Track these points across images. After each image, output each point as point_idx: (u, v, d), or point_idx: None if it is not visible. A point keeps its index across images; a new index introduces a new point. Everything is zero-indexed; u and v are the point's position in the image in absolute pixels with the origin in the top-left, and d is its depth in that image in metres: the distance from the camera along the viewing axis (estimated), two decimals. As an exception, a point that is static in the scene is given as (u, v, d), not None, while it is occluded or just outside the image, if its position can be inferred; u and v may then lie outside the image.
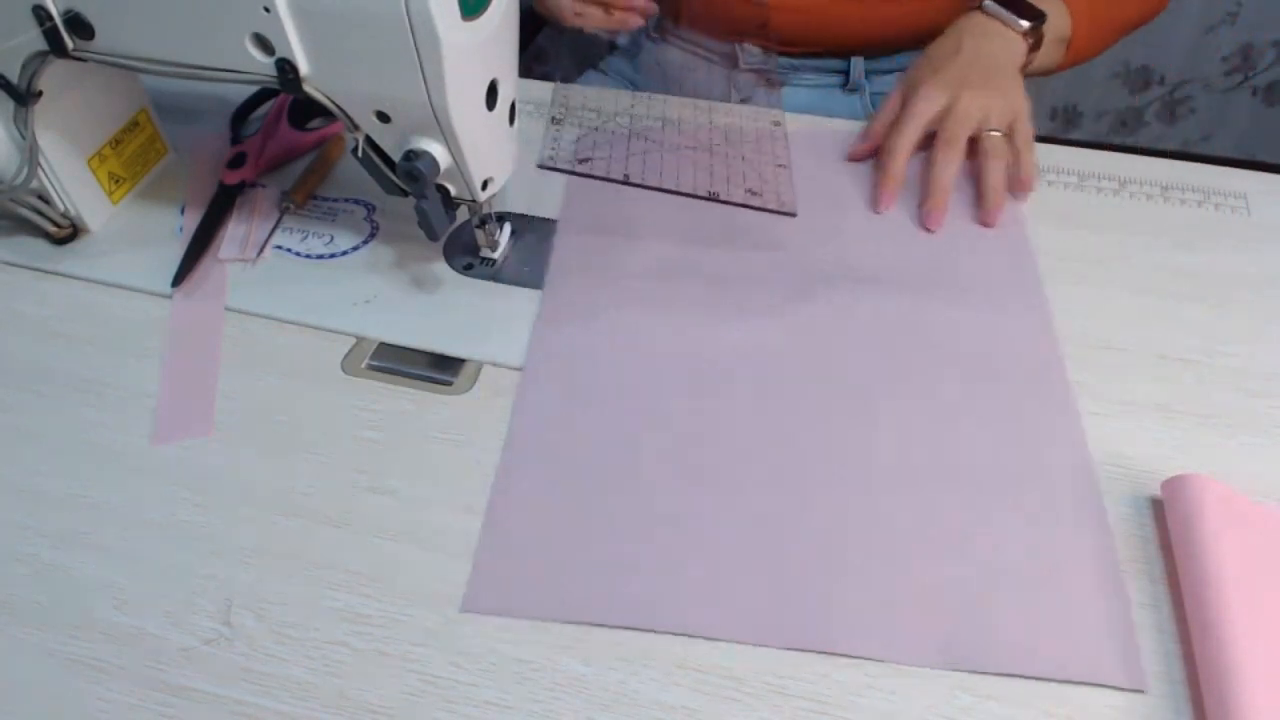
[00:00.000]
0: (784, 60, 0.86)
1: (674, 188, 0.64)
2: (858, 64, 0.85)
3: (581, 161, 0.66)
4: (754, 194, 0.64)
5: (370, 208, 0.64)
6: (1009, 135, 0.64)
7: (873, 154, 0.67)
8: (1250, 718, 0.36)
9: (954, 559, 0.44)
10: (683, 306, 0.56)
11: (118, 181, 0.65)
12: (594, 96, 0.74)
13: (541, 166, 0.66)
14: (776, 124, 0.70)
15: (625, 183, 0.65)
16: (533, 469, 0.49)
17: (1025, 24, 0.68)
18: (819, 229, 0.61)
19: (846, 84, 0.87)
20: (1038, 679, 0.41)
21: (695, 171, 0.66)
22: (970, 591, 0.43)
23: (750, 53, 0.85)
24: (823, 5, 0.80)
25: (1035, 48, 0.69)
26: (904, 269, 0.58)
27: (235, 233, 0.63)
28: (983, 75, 0.66)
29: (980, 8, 0.69)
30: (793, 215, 0.62)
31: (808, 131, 0.69)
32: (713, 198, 0.64)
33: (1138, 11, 0.78)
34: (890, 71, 0.87)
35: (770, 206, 0.63)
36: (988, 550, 0.45)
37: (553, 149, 0.68)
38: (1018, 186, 0.64)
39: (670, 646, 0.42)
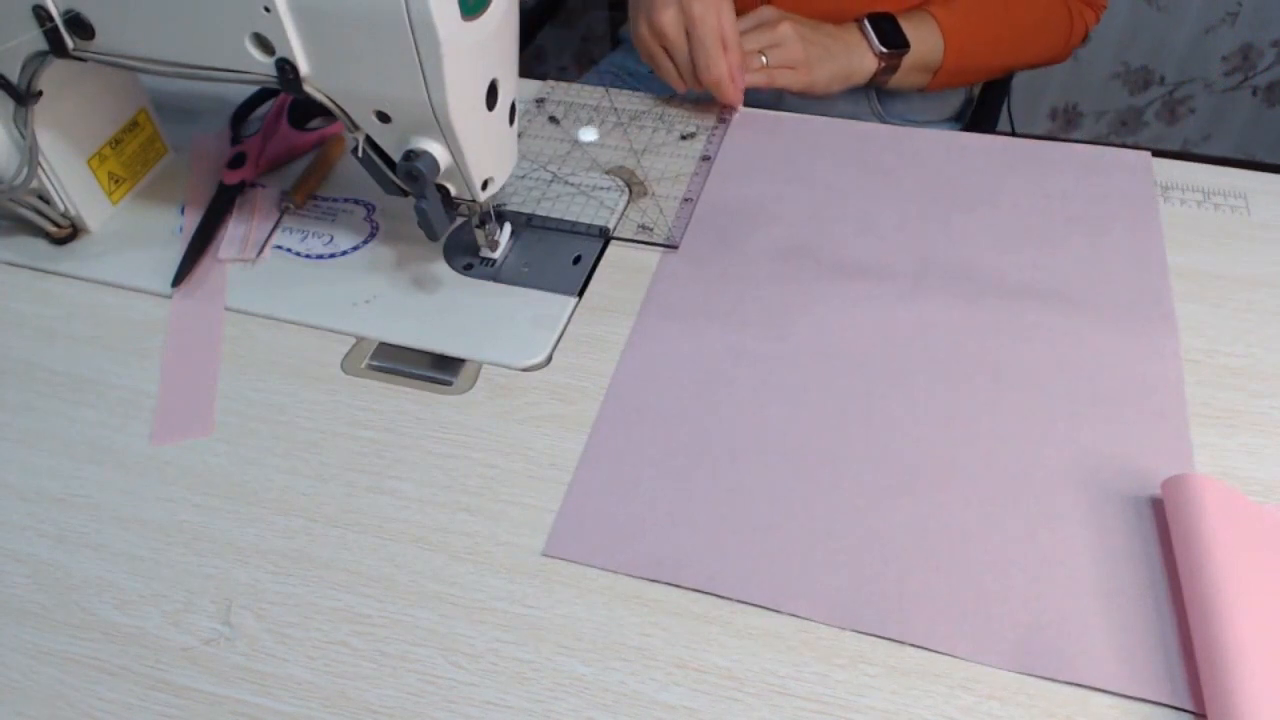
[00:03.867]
0: None
1: None
2: None
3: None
4: None
5: (370, 208, 0.64)
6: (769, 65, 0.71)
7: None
8: (1252, 717, 0.36)
9: (1023, 560, 0.45)
10: (792, 291, 0.57)
11: (118, 181, 0.65)
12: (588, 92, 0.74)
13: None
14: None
15: None
16: (621, 434, 0.50)
17: (883, 49, 0.77)
18: (931, 226, 0.61)
19: None
20: (1039, 678, 0.41)
21: None
22: (1034, 595, 0.43)
23: None
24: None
25: (889, 70, 0.78)
26: (1018, 271, 0.58)
27: (235, 233, 0.63)
28: (821, 47, 0.74)
29: (858, 21, 0.78)
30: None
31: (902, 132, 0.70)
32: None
33: (1015, 58, 0.86)
34: None
35: None
36: (1049, 552, 0.45)
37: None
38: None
39: (670, 647, 0.42)
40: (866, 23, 0.77)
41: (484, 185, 0.54)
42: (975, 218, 0.62)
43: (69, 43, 0.52)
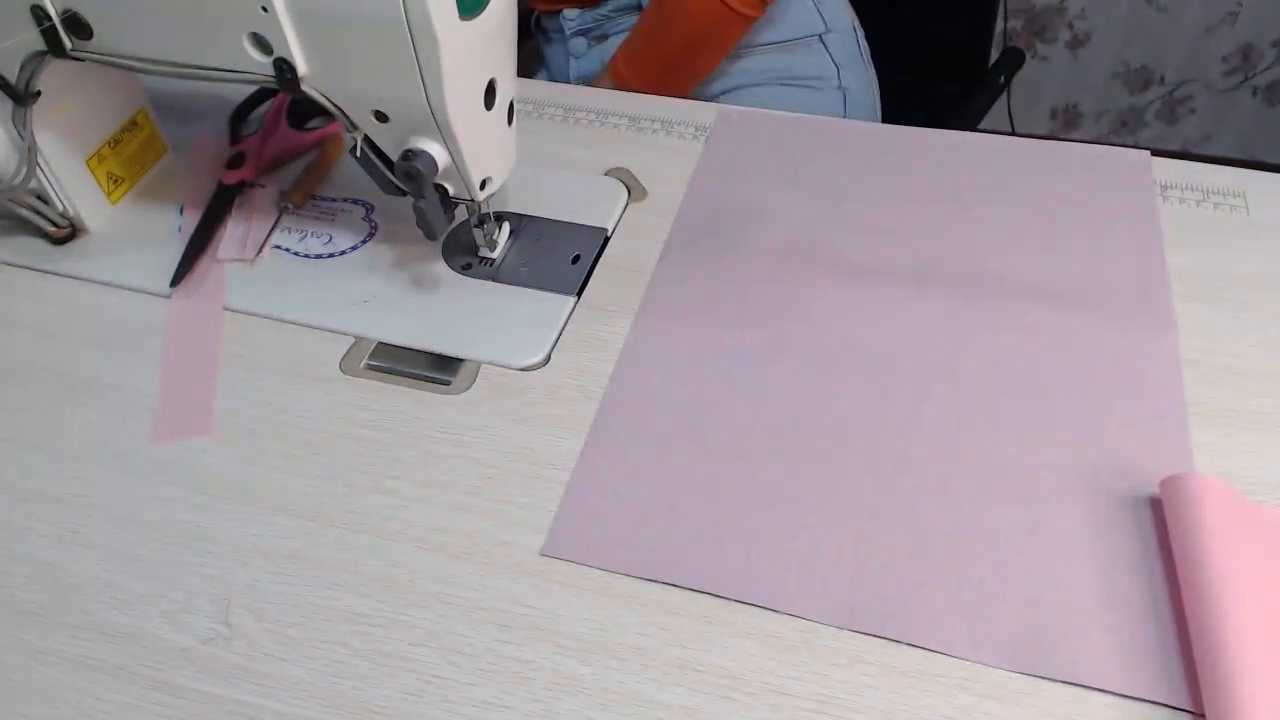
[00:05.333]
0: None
1: None
2: None
3: None
4: None
5: (369, 208, 0.64)
6: None
7: None
8: (1250, 717, 0.36)
9: (1022, 560, 0.45)
10: (791, 291, 0.57)
11: (116, 181, 0.65)
12: None
13: None
14: None
15: None
16: (620, 434, 0.50)
17: None
18: (931, 225, 0.61)
19: None
20: (1038, 678, 0.41)
21: None
22: (1033, 595, 0.43)
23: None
24: None
25: None
26: (1018, 271, 0.58)
27: (234, 233, 0.63)
28: None
29: None
30: None
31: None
32: None
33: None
34: None
35: None
36: (1047, 551, 0.45)
37: None
38: None
39: (669, 647, 0.42)
40: None
41: (482, 185, 0.54)
42: (975, 217, 0.62)
43: (67, 43, 0.52)
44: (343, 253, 0.61)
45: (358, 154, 0.53)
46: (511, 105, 0.53)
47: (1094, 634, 0.42)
